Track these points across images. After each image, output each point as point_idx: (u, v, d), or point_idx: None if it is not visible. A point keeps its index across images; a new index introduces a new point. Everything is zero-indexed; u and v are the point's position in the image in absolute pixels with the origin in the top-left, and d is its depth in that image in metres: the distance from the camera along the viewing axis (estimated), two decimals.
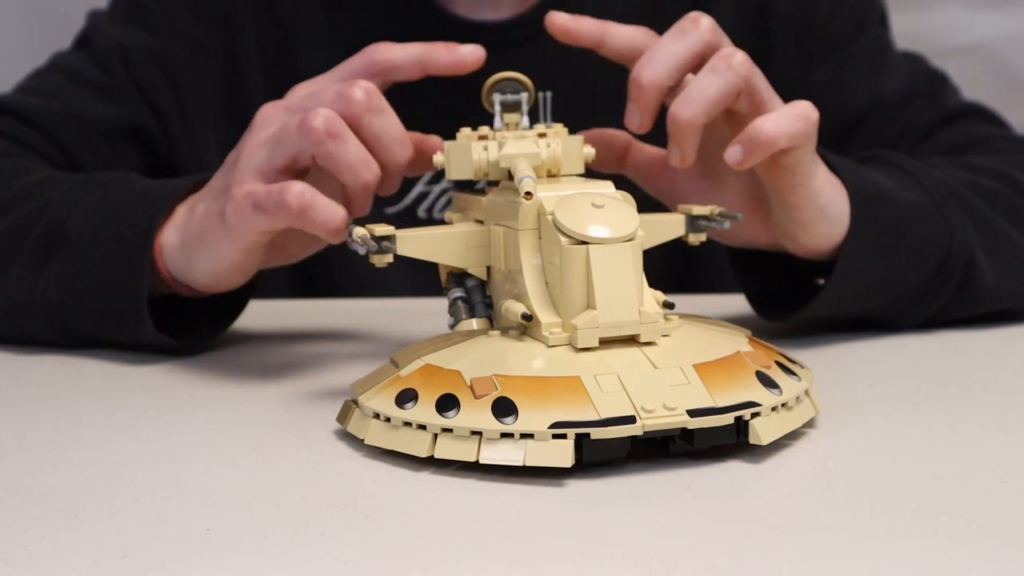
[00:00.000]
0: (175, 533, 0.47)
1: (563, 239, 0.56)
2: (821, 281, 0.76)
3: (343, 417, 0.59)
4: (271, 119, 0.69)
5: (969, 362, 0.72)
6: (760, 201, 0.74)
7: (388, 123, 0.67)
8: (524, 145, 0.62)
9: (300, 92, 0.71)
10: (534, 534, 0.47)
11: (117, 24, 0.99)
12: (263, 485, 0.53)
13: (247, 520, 0.49)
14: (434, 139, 0.73)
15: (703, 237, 0.66)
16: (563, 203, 0.57)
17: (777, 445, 0.56)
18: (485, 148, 0.64)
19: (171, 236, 0.73)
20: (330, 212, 0.64)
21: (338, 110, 0.66)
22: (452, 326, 0.63)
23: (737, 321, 0.66)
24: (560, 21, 0.71)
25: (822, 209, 0.71)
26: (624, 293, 0.56)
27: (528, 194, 0.57)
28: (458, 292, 0.63)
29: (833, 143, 0.83)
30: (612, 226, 0.57)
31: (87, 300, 0.75)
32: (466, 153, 0.64)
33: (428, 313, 0.81)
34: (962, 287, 0.77)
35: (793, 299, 0.76)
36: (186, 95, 0.99)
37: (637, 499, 0.50)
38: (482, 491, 0.51)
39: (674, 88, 0.68)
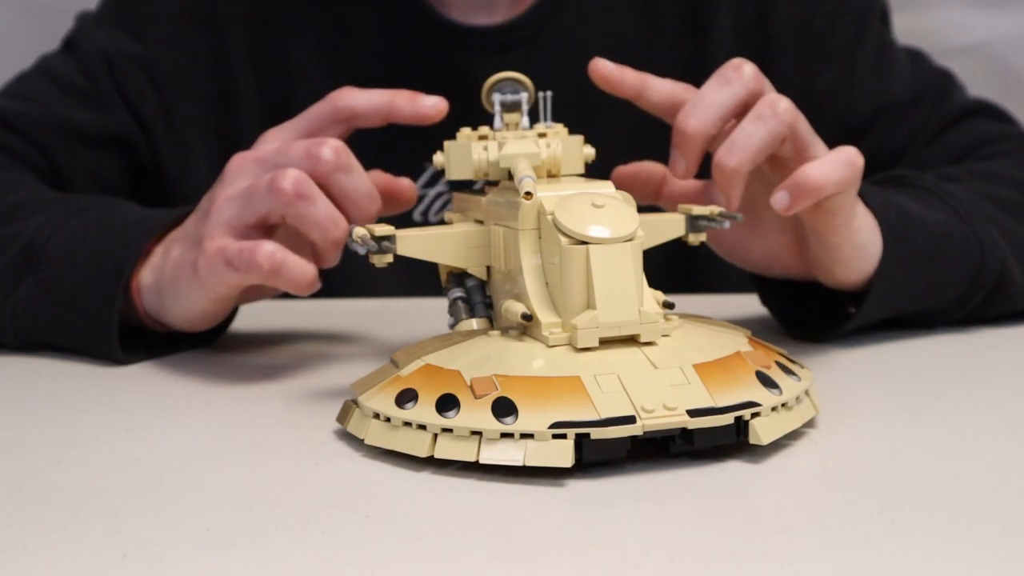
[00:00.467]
0: (175, 533, 0.47)
1: (563, 239, 0.56)
2: (852, 309, 0.76)
3: (343, 417, 0.59)
4: (241, 170, 0.70)
5: (969, 362, 0.72)
6: (797, 237, 0.75)
7: (356, 180, 0.68)
8: (524, 145, 0.62)
9: (269, 143, 0.71)
10: (534, 534, 0.47)
11: (103, 28, 0.99)
12: (263, 485, 0.53)
13: (247, 520, 0.49)
14: (403, 182, 0.74)
15: (703, 237, 0.66)
16: (563, 203, 0.57)
17: (777, 445, 0.56)
18: (485, 148, 0.64)
19: (148, 277, 0.74)
20: (300, 271, 0.66)
21: (306, 169, 0.67)
22: (452, 326, 0.63)
23: (737, 321, 0.66)
24: (604, 70, 0.71)
25: (861, 248, 0.72)
26: (624, 293, 0.56)
27: (528, 194, 0.57)
28: (458, 292, 0.63)
29: None
30: (612, 226, 0.56)
31: (57, 322, 0.76)
32: (466, 153, 0.64)
33: (428, 313, 0.81)
34: (993, 294, 0.78)
35: (820, 319, 0.77)
36: (173, 101, 0.98)
37: (637, 499, 0.50)
38: (482, 491, 0.51)
39: (717, 135, 0.68)
